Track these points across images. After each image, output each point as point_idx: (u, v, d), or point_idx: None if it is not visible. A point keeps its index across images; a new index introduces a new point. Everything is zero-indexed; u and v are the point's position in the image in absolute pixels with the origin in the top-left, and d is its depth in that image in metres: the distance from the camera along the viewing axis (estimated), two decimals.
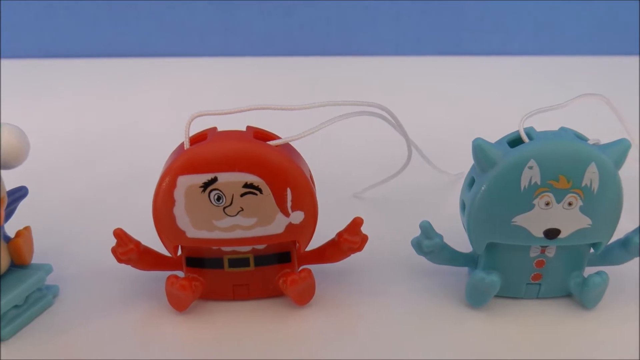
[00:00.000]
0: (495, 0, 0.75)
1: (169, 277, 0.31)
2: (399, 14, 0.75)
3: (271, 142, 0.29)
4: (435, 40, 0.77)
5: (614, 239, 0.32)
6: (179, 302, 0.32)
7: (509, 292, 0.33)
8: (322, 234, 0.33)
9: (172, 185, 0.29)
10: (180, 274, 0.32)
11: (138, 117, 0.59)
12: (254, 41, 0.77)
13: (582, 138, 0.30)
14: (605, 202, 0.30)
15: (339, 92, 0.65)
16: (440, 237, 0.32)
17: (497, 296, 0.33)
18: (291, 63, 0.75)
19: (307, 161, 0.32)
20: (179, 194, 0.29)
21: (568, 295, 0.34)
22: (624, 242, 0.33)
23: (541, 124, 0.31)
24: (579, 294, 0.33)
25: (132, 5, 0.74)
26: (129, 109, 0.62)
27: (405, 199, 0.44)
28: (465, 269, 0.34)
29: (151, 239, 0.31)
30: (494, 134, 0.31)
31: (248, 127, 0.30)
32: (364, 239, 0.32)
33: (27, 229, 0.32)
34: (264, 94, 0.65)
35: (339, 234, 0.32)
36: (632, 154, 0.34)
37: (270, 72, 0.73)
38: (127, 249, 0.31)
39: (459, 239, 0.33)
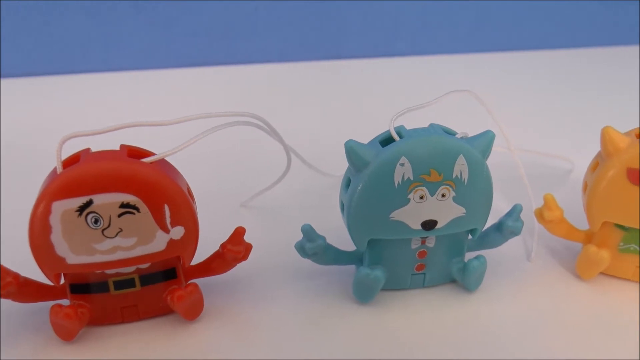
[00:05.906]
0: (375, 1, 0.77)
1: (52, 307, 0.30)
2: (279, 20, 0.76)
3: (145, 159, 0.29)
4: (316, 45, 0.78)
5: (489, 223, 0.34)
6: (66, 332, 0.31)
7: (395, 285, 0.34)
8: (213, 247, 0.33)
9: (47, 211, 0.28)
10: (65, 302, 0.31)
11: (12, 140, 0.56)
12: (132, 54, 0.74)
13: (450, 132, 0.32)
14: (476, 190, 0.31)
15: (220, 102, 0.65)
16: (323, 238, 0.33)
17: (385, 289, 0.34)
18: (171, 75, 0.74)
19: (190, 175, 0.32)
20: (54, 220, 0.28)
21: (452, 281, 0.35)
22: (498, 226, 0.35)
23: (415, 122, 0.32)
24: (461, 279, 0.34)
25: (9, 22, 0.70)
26: (4, 131, 0.58)
27: (292, 204, 0.44)
28: (352, 267, 0.35)
29: (32, 269, 0.30)
30: (373, 134, 0.32)
31: (122, 146, 0.30)
32: (248, 247, 0.32)
33: None
34: (144, 109, 0.63)
35: (223, 245, 0.32)
36: (502, 142, 0.37)
37: (149, 86, 0.71)
38: (5, 282, 0.30)
39: (345, 239, 0.33)
